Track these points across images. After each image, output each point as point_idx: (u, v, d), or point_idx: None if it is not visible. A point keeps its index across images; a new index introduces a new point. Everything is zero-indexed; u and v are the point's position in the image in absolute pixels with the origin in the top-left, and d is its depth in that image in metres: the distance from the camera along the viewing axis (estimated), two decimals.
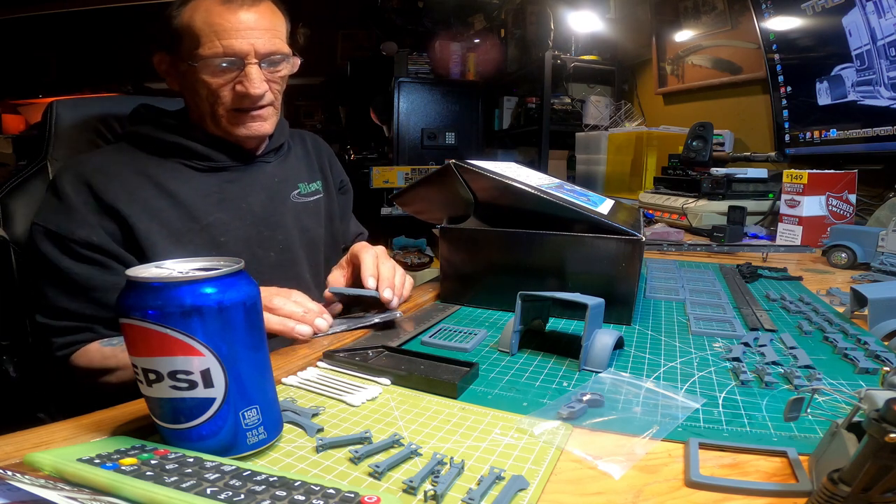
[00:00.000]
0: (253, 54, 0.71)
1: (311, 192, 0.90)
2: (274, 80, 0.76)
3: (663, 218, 1.58)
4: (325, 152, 0.98)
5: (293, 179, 0.87)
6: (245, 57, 0.71)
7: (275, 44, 0.73)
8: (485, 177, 0.69)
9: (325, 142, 1.02)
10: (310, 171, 0.92)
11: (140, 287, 0.32)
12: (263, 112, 0.76)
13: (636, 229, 0.64)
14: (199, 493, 0.27)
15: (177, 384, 0.32)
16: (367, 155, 3.73)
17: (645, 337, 0.60)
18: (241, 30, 0.70)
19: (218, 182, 0.78)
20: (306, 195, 0.89)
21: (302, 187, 0.88)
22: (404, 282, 0.73)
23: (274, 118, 0.79)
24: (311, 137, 0.99)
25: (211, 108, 0.74)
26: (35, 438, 0.36)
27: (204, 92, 0.73)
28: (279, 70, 0.76)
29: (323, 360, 0.53)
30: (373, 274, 0.69)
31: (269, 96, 0.76)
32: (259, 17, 0.71)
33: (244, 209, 0.79)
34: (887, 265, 0.89)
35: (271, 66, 0.74)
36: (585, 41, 2.56)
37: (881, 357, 0.52)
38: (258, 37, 0.71)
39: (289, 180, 0.87)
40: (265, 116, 0.77)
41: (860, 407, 0.29)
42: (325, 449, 0.36)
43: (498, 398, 0.45)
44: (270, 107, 0.77)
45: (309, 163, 0.93)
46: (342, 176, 1.02)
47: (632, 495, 0.32)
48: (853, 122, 1.33)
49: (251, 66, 0.71)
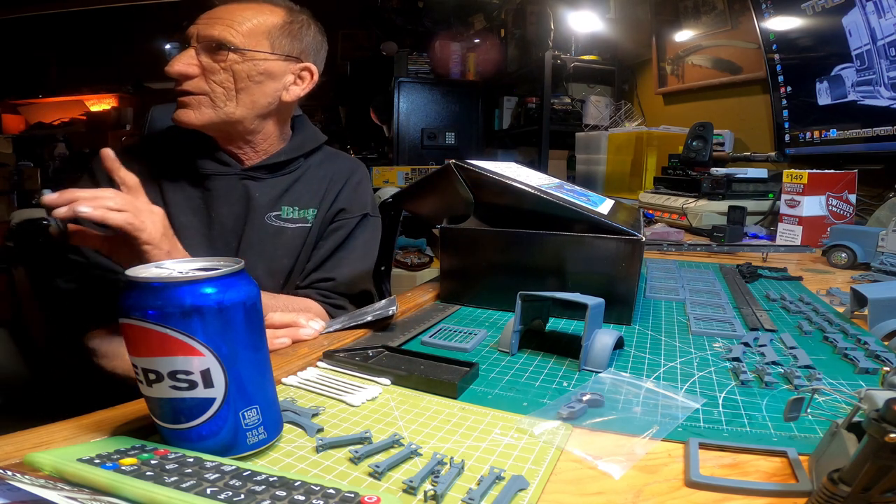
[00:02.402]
0: (195, 38, 0.72)
1: (296, 219, 0.83)
2: (213, 71, 0.73)
3: (663, 218, 1.58)
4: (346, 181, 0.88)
5: (278, 201, 0.83)
6: (189, 39, 0.73)
7: (218, 31, 0.72)
8: (485, 177, 0.69)
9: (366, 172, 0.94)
10: (310, 197, 0.85)
11: (140, 287, 0.32)
12: (189, 99, 0.74)
13: (636, 229, 0.64)
14: (199, 493, 0.27)
15: (177, 384, 0.32)
16: (367, 155, 3.73)
17: (645, 337, 0.60)
18: (202, 17, 0.73)
19: (200, 189, 0.79)
20: (286, 220, 0.83)
21: (286, 210, 0.83)
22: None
23: (207, 111, 0.74)
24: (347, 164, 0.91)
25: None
26: (35, 438, 0.36)
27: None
28: (219, 59, 0.72)
29: (323, 360, 0.53)
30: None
31: (200, 85, 0.73)
32: (224, 9, 0.73)
33: (213, 217, 0.80)
34: (887, 265, 0.89)
35: (208, 53, 0.72)
36: (585, 41, 2.56)
37: (881, 357, 0.52)
38: (205, 22, 0.72)
39: (272, 201, 0.82)
40: (191, 104, 0.74)
41: (860, 407, 0.29)
42: (325, 449, 0.36)
43: (498, 398, 0.45)
44: (204, 97, 0.74)
45: (317, 188, 0.86)
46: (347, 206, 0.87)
47: (632, 495, 0.32)
48: (853, 122, 1.33)
49: (186, 49, 0.73)
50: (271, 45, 0.76)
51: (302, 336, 0.58)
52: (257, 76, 0.75)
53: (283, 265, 0.83)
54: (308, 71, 0.82)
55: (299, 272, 0.85)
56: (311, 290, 0.85)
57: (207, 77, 0.73)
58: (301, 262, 0.85)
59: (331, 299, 0.85)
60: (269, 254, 0.82)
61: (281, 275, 0.84)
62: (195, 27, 0.72)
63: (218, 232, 0.80)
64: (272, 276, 0.83)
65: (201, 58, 0.72)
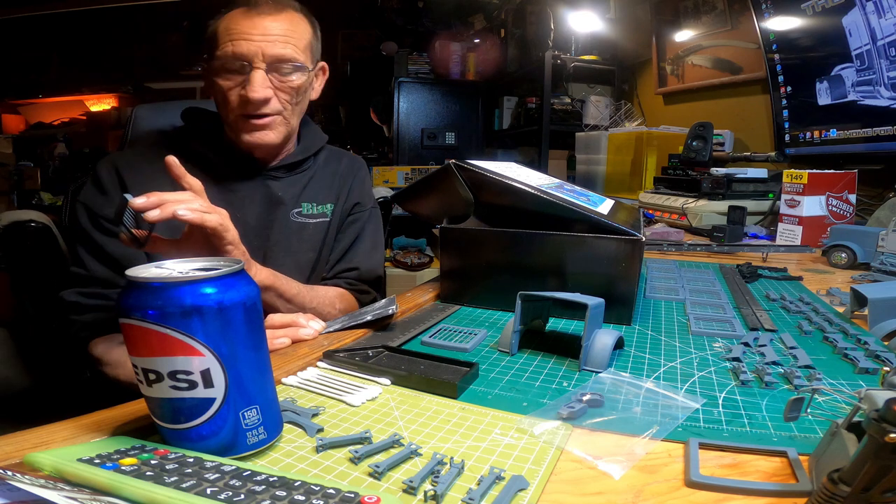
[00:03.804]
0: (260, 58, 0.71)
1: (316, 215, 0.88)
2: (283, 90, 0.75)
3: (663, 218, 1.58)
4: (354, 176, 0.94)
5: (298, 198, 0.86)
6: (252, 60, 0.71)
7: (285, 50, 0.72)
8: (485, 177, 0.69)
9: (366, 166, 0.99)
10: (326, 193, 0.90)
11: (140, 287, 0.32)
12: (268, 121, 0.75)
13: (636, 229, 0.64)
14: (199, 494, 0.27)
15: (177, 384, 0.32)
16: (367, 155, 3.73)
17: (645, 337, 0.60)
18: (253, 34, 0.71)
19: (221, 191, 0.79)
20: (308, 216, 0.87)
21: (306, 207, 0.86)
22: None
23: (282, 129, 0.78)
24: (350, 160, 0.96)
25: (225, 113, 0.76)
26: (35, 438, 0.36)
27: (219, 96, 0.75)
28: (289, 79, 0.75)
29: (323, 360, 0.53)
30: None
31: (276, 105, 0.75)
32: (275, 24, 0.72)
33: (238, 218, 0.79)
34: (887, 265, 0.89)
35: (279, 74, 0.73)
36: (585, 41, 2.56)
37: (881, 357, 0.52)
38: (268, 41, 0.71)
39: (294, 198, 0.85)
40: (270, 125, 0.76)
41: (860, 407, 0.29)
42: (325, 449, 0.36)
43: (498, 398, 0.45)
44: (279, 116, 0.76)
45: (330, 184, 0.91)
46: (360, 199, 0.94)
47: (632, 495, 0.32)
48: (853, 122, 1.33)
49: (256, 71, 0.71)
50: (312, 55, 0.78)
51: (301, 336, 0.58)
52: (307, 87, 0.79)
53: (309, 258, 0.87)
54: (323, 69, 0.85)
55: (324, 264, 0.91)
56: (340, 280, 0.91)
57: (279, 96, 0.75)
58: (324, 254, 0.90)
59: (356, 286, 0.92)
60: (296, 249, 0.85)
61: (307, 268, 0.88)
62: (256, 46, 0.70)
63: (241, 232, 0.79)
64: (300, 270, 0.86)
65: (270, 78, 0.73)
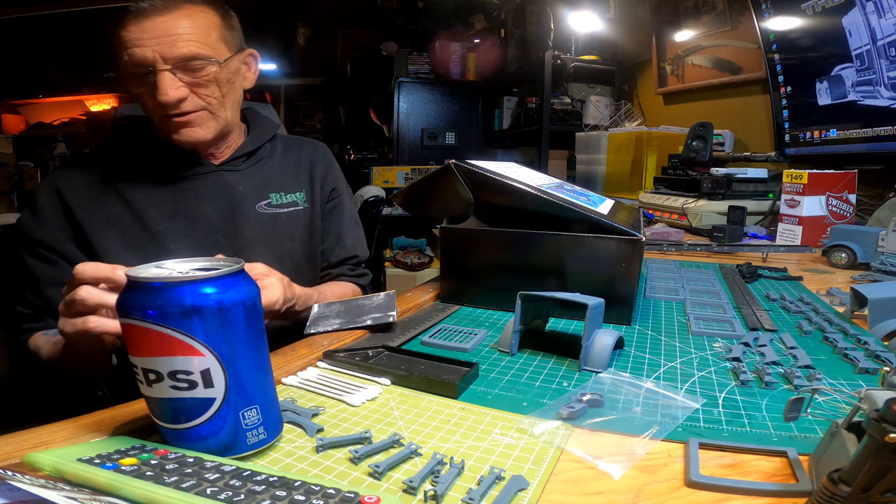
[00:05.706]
0: (160, 61, 0.69)
1: (286, 204, 0.86)
2: (200, 85, 0.73)
3: (663, 218, 1.58)
4: (321, 161, 0.94)
5: (263, 188, 0.85)
6: (154, 64, 0.69)
7: (188, 47, 0.71)
8: (485, 177, 0.69)
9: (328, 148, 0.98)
10: (293, 180, 0.89)
11: (140, 287, 0.32)
12: (192, 118, 0.74)
13: (636, 229, 0.64)
14: (199, 493, 0.27)
15: (177, 384, 0.32)
16: (367, 155, 3.73)
17: (645, 337, 0.60)
18: (146, 38, 0.69)
19: (173, 191, 0.78)
20: (277, 206, 0.85)
21: (274, 197, 0.85)
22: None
23: (212, 123, 0.76)
24: (311, 146, 0.96)
25: (151, 117, 0.75)
26: (35, 438, 0.36)
27: (139, 102, 0.74)
28: (202, 74, 0.73)
29: (323, 360, 0.53)
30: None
31: (196, 101, 0.73)
32: (169, 23, 0.70)
33: (197, 218, 0.79)
34: (887, 265, 0.89)
35: (190, 71, 0.72)
36: (585, 41, 2.56)
37: (881, 357, 0.52)
38: (165, 43, 0.69)
39: (257, 189, 0.84)
40: (195, 122, 0.74)
41: (860, 407, 0.29)
42: (325, 449, 0.36)
43: (498, 398, 0.45)
44: (203, 112, 0.75)
45: (295, 172, 0.90)
46: (336, 185, 0.95)
47: (632, 495, 0.32)
48: (853, 122, 1.33)
49: (162, 73, 0.70)
50: (227, 45, 0.77)
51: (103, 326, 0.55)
52: (232, 77, 0.78)
53: (289, 248, 0.87)
54: (252, 56, 0.84)
55: (317, 253, 0.91)
56: (343, 268, 0.94)
57: (197, 93, 0.74)
58: (314, 243, 0.90)
59: (355, 272, 0.96)
60: (272, 240, 0.85)
61: (290, 258, 0.87)
62: (152, 51, 0.69)
63: (206, 232, 0.79)
64: (280, 262, 0.84)
65: (181, 77, 0.71)
